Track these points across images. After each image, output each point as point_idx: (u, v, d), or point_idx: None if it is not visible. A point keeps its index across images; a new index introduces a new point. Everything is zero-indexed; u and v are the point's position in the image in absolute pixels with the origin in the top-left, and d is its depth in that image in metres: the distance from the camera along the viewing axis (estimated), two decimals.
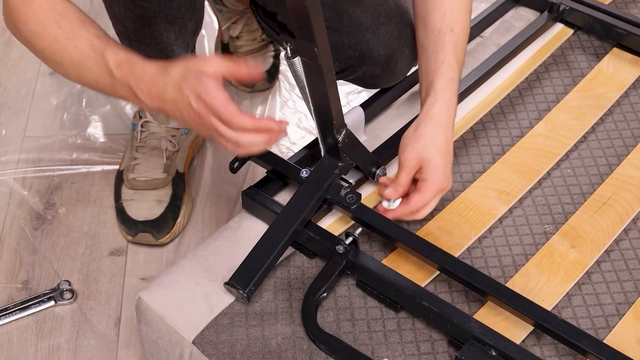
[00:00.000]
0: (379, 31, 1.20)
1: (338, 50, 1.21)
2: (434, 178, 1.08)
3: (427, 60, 1.14)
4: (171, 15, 1.23)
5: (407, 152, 1.09)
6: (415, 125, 1.11)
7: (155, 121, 1.44)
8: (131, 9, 1.22)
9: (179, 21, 1.25)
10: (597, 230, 1.14)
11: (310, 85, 1.02)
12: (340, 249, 1.06)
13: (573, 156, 1.25)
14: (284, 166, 1.15)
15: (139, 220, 1.41)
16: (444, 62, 1.12)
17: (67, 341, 1.30)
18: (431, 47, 1.13)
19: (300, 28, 0.94)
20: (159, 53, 1.28)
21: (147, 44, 1.27)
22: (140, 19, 1.23)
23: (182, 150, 1.47)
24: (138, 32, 1.26)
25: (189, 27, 1.28)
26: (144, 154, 1.44)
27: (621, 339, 1.03)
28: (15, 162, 1.57)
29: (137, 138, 1.45)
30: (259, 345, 1.02)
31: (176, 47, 1.28)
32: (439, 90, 1.10)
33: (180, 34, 1.27)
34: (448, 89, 1.11)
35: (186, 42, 1.30)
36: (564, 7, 1.44)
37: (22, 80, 1.74)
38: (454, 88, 1.12)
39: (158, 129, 1.44)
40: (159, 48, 1.27)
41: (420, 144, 1.08)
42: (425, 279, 1.08)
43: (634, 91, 1.36)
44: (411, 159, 1.08)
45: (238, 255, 1.07)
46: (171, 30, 1.25)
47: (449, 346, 1.02)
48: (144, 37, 1.26)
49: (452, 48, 1.13)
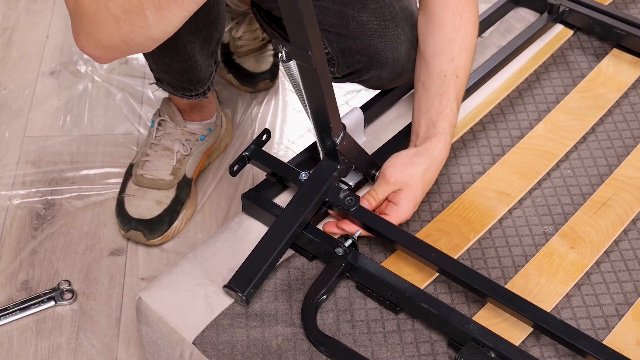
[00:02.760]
0: (386, 35, 1.20)
1: (346, 56, 1.22)
2: (406, 207, 1.11)
3: (429, 100, 1.16)
4: (195, 27, 1.23)
5: (397, 172, 1.11)
6: (413, 152, 1.13)
7: (172, 122, 1.44)
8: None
9: (203, 32, 1.25)
10: (596, 231, 1.14)
11: (306, 89, 1.02)
12: (339, 251, 1.06)
13: (573, 157, 1.26)
14: (283, 169, 1.15)
15: (134, 217, 1.41)
16: (447, 106, 1.15)
17: (67, 341, 1.30)
18: (435, 89, 1.16)
19: (294, 32, 0.94)
20: (183, 64, 1.28)
21: (169, 56, 1.27)
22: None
23: (194, 156, 1.47)
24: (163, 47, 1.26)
25: (214, 37, 1.28)
26: (156, 152, 1.44)
27: (621, 339, 1.03)
28: (15, 163, 1.57)
29: (152, 135, 1.45)
30: (259, 346, 1.02)
31: (200, 57, 1.28)
32: (442, 133, 1.14)
33: (205, 44, 1.27)
34: (450, 133, 1.15)
35: (210, 51, 1.30)
36: (564, 8, 1.44)
37: (23, 80, 1.74)
38: (452, 132, 1.16)
39: (174, 130, 1.44)
40: (183, 59, 1.27)
41: (411, 170, 1.11)
42: (425, 281, 1.08)
43: (634, 92, 1.36)
44: (397, 178, 1.10)
45: (238, 255, 1.08)
46: (195, 42, 1.25)
47: (449, 347, 1.02)
48: (167, 50, 1.25)
49: (455, 94, 1.16)
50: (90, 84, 1.72)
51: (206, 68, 1.31)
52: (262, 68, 1.69)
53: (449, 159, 1.25)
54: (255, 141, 1.17)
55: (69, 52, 1.79)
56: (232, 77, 1.68)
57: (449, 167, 1.24)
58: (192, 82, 1.32)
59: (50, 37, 1.83)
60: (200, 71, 1.30)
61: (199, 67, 1.29)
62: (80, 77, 1.74)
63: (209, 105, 1.46)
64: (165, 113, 1.45)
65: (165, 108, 1.45)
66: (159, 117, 1.45)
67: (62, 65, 1.76)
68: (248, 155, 1.16)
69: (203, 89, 1.34)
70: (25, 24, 1.86)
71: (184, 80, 1.32)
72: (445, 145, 1.14)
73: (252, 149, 1.16)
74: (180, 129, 1.44)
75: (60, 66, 1.76)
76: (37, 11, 1.87)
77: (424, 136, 1.15)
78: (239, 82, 1.68)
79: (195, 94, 1.35)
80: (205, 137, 1.47)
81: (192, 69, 1.29)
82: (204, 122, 1.47)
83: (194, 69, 1.29)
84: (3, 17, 1.87)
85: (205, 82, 1.33)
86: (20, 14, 1.87)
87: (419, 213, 1.17)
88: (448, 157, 1.24)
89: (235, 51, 1.67)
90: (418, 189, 1.11)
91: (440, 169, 1.15)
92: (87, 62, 1.76)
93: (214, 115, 1.49)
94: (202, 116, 1.46)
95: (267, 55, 1.70)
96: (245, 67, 1.68)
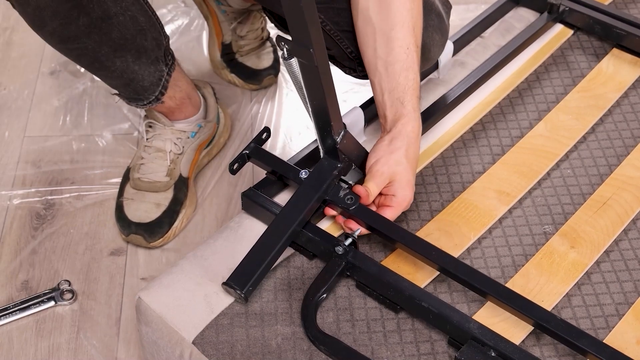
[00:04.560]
0: None
1: None
2: (404, 192, 1.10)
3: (394, 77, 1.12)
4: (116, 45, 1.21)
5: (380, 165, 1.10)
6: (388, 139, 1.12)
7: (159, 123, 1.44)
8: (69, 53, 1.23)
9: (129, 46, 1.23)
10: (596, 230, 1.14)
11: (307, 87, 1.02)
12: (339, 250, 1.06)
13: (573, 156, 1.25)
14: (283, 167, 1.15)
15: (134, 221, 1.41)
16: (413, 79, 1.13)
17: (67, 341, 1.30)
18: (399, 64, 1.12)
19: (295, 29, 0.94)
20: (119, 79, 1.28)
21: (102, 74, 1.28)
22: (83, 57, 1.23)
23: (187, 154, 1.46)
24: (89, 67, 1.27)
25: (147, 46, 1.25)
26: (149, 154, 1.44)
27: (621, 339, 1.03)
28: (15, 162, 1.57)
29: (144, 138, 1.45)
30: (258, 345, 1.02)
31: (138, 67, 1.26)
32: (412, 110, 1.12)
33: (139, 55, 1.25)
34: (418, 106, 1.13)
35: (152, 58, 1.27)
36: (564, 8, 1.44)
37: (23, 80, 1.74)
38: (419, 104, 1.14)
39: (163, 131, 1.44)
40: (117, 74, 1.26)
41: (393, 158, 1.10)
42: (425, 280, 1.08)
43: (634, 91, 1.36)
44: (384, 171, 1.10)
45: (238, 255, 1.07)
46: (125, 55, 1.24)
47: (449, 347, 1.02)
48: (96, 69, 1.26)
49: (419, 64, 1.14)
50: (90, 83, 1.72)
51: (150, 75, 1.29)
52: (265, 64, 1.69)
53: (449, 158, 1.25)
54: (255, 139, 1.17)
55: None
56: (235, 77, 1.68)
57: (449, 167, 1.24)
58: (137, 92, 1.31)
59: None
60: (143, 80, 1.29)
61: (138, 77, 1.28)
62: (80, 77, 1.74)
63: (189, 102, 1.44)
64: (150, 116, 1.45)
65: (149, 112, 1.45)
66: (147, 119, 1.45)
67: (62, 65, 1.76)
68: (248, 153, 1.16)
69: (154, 96, 1.33)
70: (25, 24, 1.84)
71: (130, 92, 1.32)
72: (417, 121, 1.12)
73: (252, 147, 1.16)
74: (170, 128, 1.44)
75: (60, 66, 1.76)
76: None
77: (394, 118, 1.13)
78: (243, 80, 1.68)
79: (148, 102, 1.34)
80: (196, 133, 1.47)
81: (131, 80, 1.28)
82: (191, 119, 1.46)
83: (134, 80, 1.28)
84: (3, 17, 1.87)
85: (154, 89, 1.32)
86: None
87: (419, 212, 1.17)
88: (448, 157, 1.25)
89: (238, 50, 1.67)
90: (408, 171, 1.10)
91: (419, 141, 1.13)
92: None
93: (199, 110, 1.47)
94: (186, 114, 1.45)
95: (267, 51, 1.71)
96: (248, 65, 1.68)
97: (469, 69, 1.36)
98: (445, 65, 1.34)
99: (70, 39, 1.19)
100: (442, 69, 1.34)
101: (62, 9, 1.14)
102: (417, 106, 1.13)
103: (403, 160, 1.10)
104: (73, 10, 1.15)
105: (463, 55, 1.40)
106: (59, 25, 1.16)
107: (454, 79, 1.35)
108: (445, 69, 1.34)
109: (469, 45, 1.43)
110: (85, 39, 1.19)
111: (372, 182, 1.10)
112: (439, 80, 1.35)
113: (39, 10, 1.14)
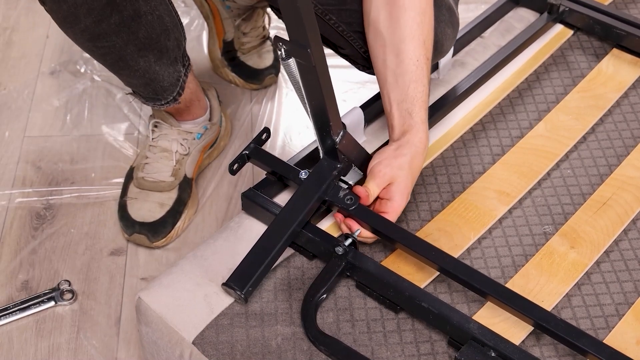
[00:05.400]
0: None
1: None
2: (400, 198, 1.10)
3: (402, 89, 1.13)
4: (141, 44, 1.22)
5: (383, 166, 1.10)
6: (395, 146, 1.12)
7: (166, 123, 1.44)
8: (95, 50, 1.23)
9: (154, 46, 1.24)
10: (596, 230, 1.14)
11: (305, 87, 1.02)
12: (339, 250, 1.06)
13: (573, 157, 1.25)
14: (283, 167, 1.15)
15: (137, 220, 1.41)
16: (422, 92, 1.13)
17: (67, 341, 1.30)
18: (408, 76, 1.13)
19: (293, 29, 0.94)
20: (140, 78, 1.28)
21: (124, 73, 1.28)
22: (109, 56, 1.24)
23: (193, 155, 1.46)
24: (113, 66, 1.27)
25: (169, 46, 1.27)
26: (155, 154, 1.44)
27: (621, 339, 1.03)
28: (15, 162, 1.57)
29: (150, 137, 1.45)
30: (258, 346, 1.02)
31: (159, 67, 1.27)
32: (421, 121, 1.13)
33: (161, 55, 1.26)
34: (426, 119, 1.14)
35: (171, 59, 1.29)
36: (564, 8, 1.44)
37: (23, 80, 1.74)
38: (427, 116, 1.15)
39: (169, 131, 1.44)
40: (139, 74, 1.27)
41: (397, 162, 1.10)
42: (425, 280, 1.08)
43: (634, 92, 1.36)
44: (385, 172, 1.10)
45: (238, 255, 1.07)
46: (148, 55, 1.25)
47: (449, 347, 1.02)
48: (119, 68, 1.27)
49: (428, 77, 1.14)
50: (90, 83, 1.72)
51: (169, 76, 1.30)
52: (266, 64, 1.69)
53: (449, 158, 1.25)
54: (254, 140, 1.17)
55: (69, 52, 1.79)
56: (236, 76, 1.69)
57: (449, 167, 1.24)
58: (157, 92, 1.32)
59: (50, 37, 1.83)
60: (163, 80, 1.30)
61: (159, 77, 1.29)
62: (80, 77, 1.74)
63: (197, 104, 1.45)
64: (157, 116, 1.45)
65: (156, 112, 1.45)
66: (154, 119, 1.45)
67: (62, 65, 1.76)
68: (248, 154, 1.16)
69: (172, 96, 1.34)
70: (25, 24, 1.86)
71: (149, 92, 1.32)
72: (425, 133, 1.13)
73: (251, 148, 1.16)
74: (176, 129, 1.44)
75: (60, 66, 1.76)
76: (37, 11, 1.86)
77: (402, 129, 1.14)
78: (244, 80, 1.69)
79: (165, 102, 1.35)
80: (202, 135, 1.47)
81: (152, 80, 1.29)
82: (198, 120, 1.46)
83: (155, 80, 1.29)
84: (3, 17, 1.87)
85: (173, 89, 1.33)
86: (20, 14, 1.87)
87: (419, 212, 1.17)
88: (448, 157, 1.25)
89: (239, 48, 1.67)
90: (407, 178, 1.10)
91: (425, 155, 1.14)
92: (87, 62, 1.76)
93: (206, 112, 1.48)
94: (194, 115, 1.45)
95: (268, 50, 1.71)
96: (249, 65, 1.68)
97: (469, 69, 1.36)
98: (445, 66, 1.34)
99: (100, 36, 1.19)
100: (442, 69, 1.34)
101: (97, 5, 1.14)
102: (425, 119, 1.14)
103: (406, 167, 1.10)
104: (107, 8, 1.15)
105: (463, 55, 1.40)
106: (92, 23, 1.16)
107: (454, 79, 1.35)
108: (445, 69, 1.35)
109: (469, 46, 1.43)
110: (115, 37, 1.19)
111: (372, 183, 1.10)
112: (439, 81, 1.35)
113: (74, 7, 1.14)
